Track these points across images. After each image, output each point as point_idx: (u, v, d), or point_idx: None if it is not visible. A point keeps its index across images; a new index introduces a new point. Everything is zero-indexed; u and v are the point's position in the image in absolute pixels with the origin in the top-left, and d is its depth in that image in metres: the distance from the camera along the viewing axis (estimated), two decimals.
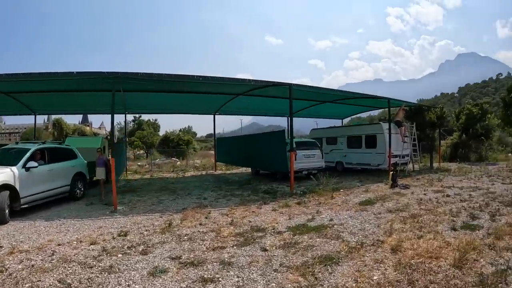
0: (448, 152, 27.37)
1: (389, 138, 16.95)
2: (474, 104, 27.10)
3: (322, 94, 18.61)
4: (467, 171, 17.64)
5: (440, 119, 20.13)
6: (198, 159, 36.85)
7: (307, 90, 16.24)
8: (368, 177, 16.86)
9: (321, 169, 17.40)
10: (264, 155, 17.42)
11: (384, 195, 11.41)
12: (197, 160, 36.24)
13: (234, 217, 8.68)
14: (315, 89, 15.52)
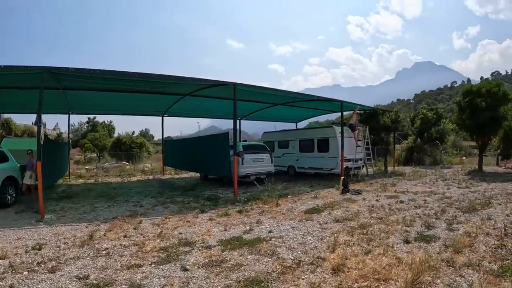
0: (403, 156, 27.36)
1: (341, 141, 16.21)
2: (429, 109, 27.38)
3: (274, 96, 17.68)
4: (422, 175, 17.27)
5: (395, 123, 19.75)
6: (149, 163, 35.17)
7: (256, 91, 15.14)
8: (320, 182, 16.01)
9: (271, 174, 16.49)
10: (209, 159, 16.21)
11: (333, 202, 10.48)
12: (148, 164, 34.58)
13: (165, 227, 7.84)
14: (262, 89, 14.45)
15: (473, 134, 18.69)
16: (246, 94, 16.22)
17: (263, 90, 14.77)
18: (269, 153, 16.84)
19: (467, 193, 11.53)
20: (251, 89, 14.14)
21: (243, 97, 17.51)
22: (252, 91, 15.26)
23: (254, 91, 14.95)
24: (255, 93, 15.96)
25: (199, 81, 12.62)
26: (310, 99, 17.98)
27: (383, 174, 18.77)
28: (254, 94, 16.32)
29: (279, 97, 18.05)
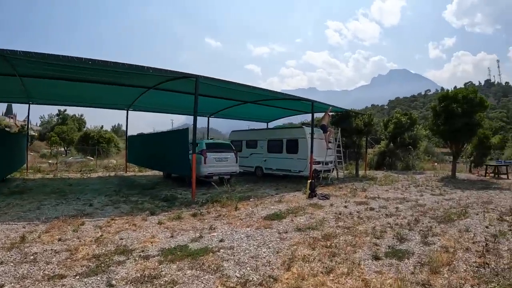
0: (374, 160, 26.94)
1: (311, 143, 15.41)
2: (403, 114, 27.02)
3: (245, 93, 16.75)
4: (394, 180, 16.71)
5: (368, 126, 19.16)
6: (116, 159, 33.76)
7: (221, 86, 14.09)
8: (287, 185, 15.17)
9: (235, 174, 15.71)
10: (168, 156, 15.15)
11: (298, 207, 9.59)
12: (113, 160, 33.15)
13: (108, 231, 7.03)
14: (226, 83, 13.26)
15: (447, 140, 18.31)
16: (215, 90, 15.46)
17: (227, 85, 13.70)
18: (234, 152, 15.87)
19: (442, 201, 10.93)
20: (215, 83, 13.12)
21: (211, 93, 16.70)
22: (221, 87, 14.47)
23: (219, 85, 13.98)
24: (224, 89, 15.13)
25: (159, 71, 11.44)
26: (281, 98, 17.15)
27: (354, 178, 18.13)
28: (223, 90, 15.51)
29: (249, 95, 17.18)
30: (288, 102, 18.57)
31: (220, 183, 14.08)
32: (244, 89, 14.62)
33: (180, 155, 13.45)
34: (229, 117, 25.54)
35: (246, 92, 15.90)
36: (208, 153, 14.61)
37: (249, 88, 14.00)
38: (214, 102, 19.53)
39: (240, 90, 15.51)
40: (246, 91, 15.55)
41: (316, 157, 16.13)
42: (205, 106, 21.00)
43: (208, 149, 14.77)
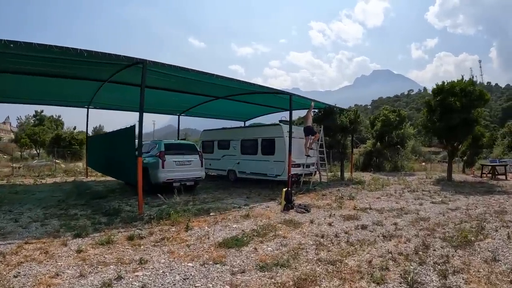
0: (361, 161, 24.94)
1: (289, 142, 13.28)
2: (392, 110, 24.99)
3: (214, 87, 14.55)
4: (384, 184, 14.69)
5: (354, 124, 17.06)
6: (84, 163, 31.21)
7: (174, 74, 11.77)
8: (262, 192, 13.03)
9: (201, 180, 13.56)
10: (116, 160, 12.91)
11: (268, 226, 7.38)
12: (80, 163, 30.51)
13: (8, 262, 5.17)
14: (178, 71, 10.70)
15: (443, 138, 16.34)
16: (182, 83, 13.50)
17: (185, 73, 11.21)
18: (199, 154, 13.63)
19: (447, 212, 8.93)
20: (165, 70, 10.84)
21: (178, 87, 14.77)
22: (189, 79, 12.42)
23: (172, 74, 11.66)
24: (193, 82, 13.03)
25: (102, 57, 8.90)
26: (254, 91, 14.87)
27: (339, 182, 16.03)
28: (191, 83, 13.41)
29: (220, 89, 15.00)
30: (266, 97, 16.40)
31: (185, 191, 12.06)
32: (206, 79, 12.24)
33: (126, 158, 11.22)
34: (202, 115, 23.27)
35: (217, 85, 13.79)
36: (167, 155, 12.40)
37: (211, 77, 11.50)
38: (184, 98, 17.35)
39: (209, 83, 13.29)
40: (219, 84, 13.35)
41: (295, 159, 14.03)
42: (174, 103, 18.89)
43: (167, 150, 12.55)
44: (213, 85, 13.93)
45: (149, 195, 11.21)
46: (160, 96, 16.25)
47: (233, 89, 14.55)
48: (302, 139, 14.86)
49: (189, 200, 10.90)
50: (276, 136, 14.52)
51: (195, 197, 11.76)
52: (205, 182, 15.95)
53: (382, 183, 14.86)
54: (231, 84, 13.09)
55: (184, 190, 12.18)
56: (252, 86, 12.95)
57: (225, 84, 13.10)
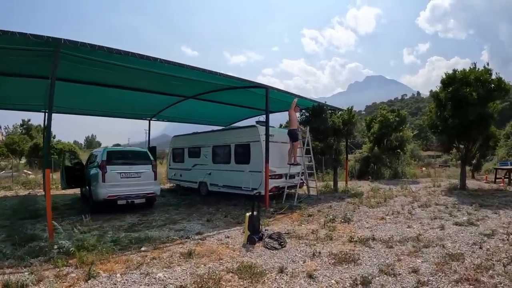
0: (356, 168, 22.06)
1: (266, 147, 10.57)
2: (390, 110, 22.06)
3: (181, 84, 11.91)
4: (386, 196, 11.89)
5: (348, 125, 14.23)
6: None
7: (127, 66, 9.12)
8: (232, 211, 10.23)
9: (155, 197, 10.99)
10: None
11: (210, 277, 4.58)
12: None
13: None
14: (133, 61, 8.10)
15: (454, 138, 13.53)
16: (143, 78, 11.00)
17: (133, 62, 8.54)
18: (153, 165, 10.94)
19: (482, 240, 6.16)
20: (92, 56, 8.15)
21: (142, 85, 12.43)
22: (147, 72, 9.89)
23: (121, 65, 8.98)
24: (154, 76, 10.55)
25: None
26: (226, 87, 12.12)
27: (332, 195, 13.16)
28: (153, 79, 11.03)
29: (188, 86, 12.33)
30: (248, 97, 13.68)
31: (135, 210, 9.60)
32: (151, 67, 9.44)
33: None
34: (177, 120, 20.44)
35: (185, 82, 11.21)
36: (110, 166, 9.90)
37: (155, 62, 8.54)
38: (154, 100, 14.79)
39: (175, 77, 10.64)
40: (184, 79, 10.72)
41: (276, 168, 11.31)
42: (143, 105, 16.14)
43: (109, 160, 10.09)
44: (181, 82, 11.33)
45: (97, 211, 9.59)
46: (124, 97, 13.84)
47: (199, 84, 11.86)
48: (286, 144, 12.10)
49: (134, 222, 8.51)
50: (252, 140, 11.77)
51: (142, 219, 9.03)
52: (173, 197, 13.99)
53: (384, 195, 12.06)
54: (191, 75, 10.37)
55: (134, 208, 10.15)
56: (218, 77, 10.10)
57: (184, 75, 10.38)
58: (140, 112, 18.20)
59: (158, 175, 11.38)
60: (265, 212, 9.65)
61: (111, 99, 14.47)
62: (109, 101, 14.98)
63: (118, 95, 13.58)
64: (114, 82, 11.68)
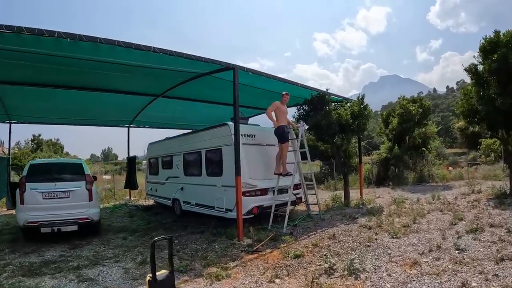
0: (374, 172, 18.40)
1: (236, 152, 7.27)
2: (411, 100, 18.12)
3: (149, 78, 9.14)
4: (415, 212, 8.46)
5: (360, 119, 10.83)
6: None
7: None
8: (192, 243, 7.20)
9: (90, 223, 7.99)
10: None
11: None
12: None
13: None
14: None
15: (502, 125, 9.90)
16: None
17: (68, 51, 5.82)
18: (87, 181, 7.94)
19: None
20: None
21: (105, 84, 10.15)
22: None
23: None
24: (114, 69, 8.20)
25: None
26: (192, 75, 8.96)
27: (340, 211, 9.73)
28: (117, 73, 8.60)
29: (152, 79, 9.40)
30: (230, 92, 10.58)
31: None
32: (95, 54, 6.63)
33: None
34: (158, 125, 17.50)
35: (145, 74, 8.71)
36: (30, 183, 7.60)
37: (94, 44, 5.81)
38: (125, 102, 12.18)
39: (132, 66, 7.76)
40: (142, 67, 7.88)
41: (258, 181, 8.09)
42: (116, 109, 13.45)
43: (31, 176, 7.77)
44: (136, 73, 8.50)
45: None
46: (92, 100, 11.52)
47: (159, 75, 8.85)
48: (273, 148, 8.83)
49: (53, 259, 6.44)
50: (224, 144, 8.55)
51: (67, 253, 6.84)
52: (141, 217, 11.22)
53: (412, 211, 8.66)
54: (140, 61, 7.38)
55: (73, 235, 7.91)
56: (168, 57, 6.98)
57: (133, 61, 7.39)
58: (116, 118, 15.45)
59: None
60: (233, 246, 6.50)
61: (78, 104, 11.90)
62: (76, 106, 12.32)
63: (85, 98, 11.19)
64: (72, 82, 9.36)
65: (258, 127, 9.32)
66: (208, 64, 7.47)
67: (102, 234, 8.67)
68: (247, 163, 7.95)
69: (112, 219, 11.26)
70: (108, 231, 9.10)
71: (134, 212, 12.48)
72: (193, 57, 7.05)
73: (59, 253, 6.83)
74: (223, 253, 6.21)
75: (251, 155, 8.22)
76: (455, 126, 38.99)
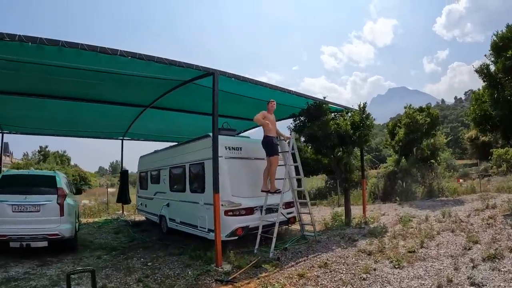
0: (380, 187, 17.27)
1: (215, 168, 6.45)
2: (418, 109, 16.99)
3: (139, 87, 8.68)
4: (424, 235, 7.41)
5: (361, 129, 9.85)
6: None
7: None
8: (165, 267, 6.32)
9: (60, 239, 7.34)
10: None
11: None
12: None
13: None
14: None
15: None
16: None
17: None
18: (59, 195, 7.37)
19: None
20: None
21: (95, 95, 9.60)
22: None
23: None
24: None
25: None
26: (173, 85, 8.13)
27: (339, 232, 8.70)
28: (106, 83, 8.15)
29: (139, 88, 8.68)
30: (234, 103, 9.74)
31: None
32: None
33: None
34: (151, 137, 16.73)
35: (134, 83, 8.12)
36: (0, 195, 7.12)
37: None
38: (116, 113, 11.57)
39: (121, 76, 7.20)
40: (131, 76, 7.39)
41: (243, 199, 7.18)
42: (108, 120, 12.80)
43: (2, 187, 7.29)
44: (124, 83, 8.12)
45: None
46: (82, 110, 10.93)
47: (146, 85, 8.14)
48: (261, 161, 7.91)
49: (15, 276, 5.95)
50: (206, 157, 7.64)
51: (32, 271, 6.35)
52: (127, 234, 10.47)
53: (420, 233, 7.64)
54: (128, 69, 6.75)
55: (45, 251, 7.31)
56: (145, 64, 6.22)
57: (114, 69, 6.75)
58: (108, 130, 14.76)
59: None
60: (208, 274, 5.65)
61: (68, 114, 11.44)
62: (66, 117, 11.84)
63: (74, 109, 10.68)
64: (59, 91, 8.92)
65: (246, 139, 8.45)
66: (185, 69, 6.63)
67: (80, 251, 8.08)
68: (230, 178, 7.08)
69: (97, 234, 10.63)
70: (87, 247, 8.50)
71: (121, 228, 11.82)
72: (166, 61, 6.22)
73: (25, 270, 6.35)
74: (194, 281, 5.32)
75: (236, 170, 7.34)
76: (465, 137, 37.74)
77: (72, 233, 7.68)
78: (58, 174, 8.46)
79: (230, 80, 7.31)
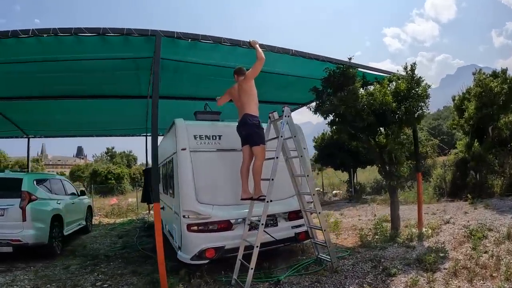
0: (448, 179, 13.76)
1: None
2: (493, 75, 13.16)
3: None
4: (506, 269, 4.53)
5: (409, 101, 6.88)
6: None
7: None
8: (120, 283, 4.51)
9: (24, 245, 6.64)
10: None
11: None
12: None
13: None
14: None
15: None
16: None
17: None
18: (23, 198, 6.81)
19: None
20: None
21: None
22: None
23: None
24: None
25: None
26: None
27: (377, 251, 6.04)
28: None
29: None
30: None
31: None
32: None
33: None
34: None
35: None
36: None
37: None
38: (133, 108, 10.89)
39: None
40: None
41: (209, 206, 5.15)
42: (131, 118, 12.40)
43: None
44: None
45: None
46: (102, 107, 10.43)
47: None
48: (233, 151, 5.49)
49: None
50: (173, 152, 5.62)
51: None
52: (127, 240, 9.42)
53: (500, 265, 4.77)
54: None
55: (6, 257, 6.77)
56: None
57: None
58: (130, 126, 13.84)
59: None
60: None
61: (82, 114, 10.97)
62: (80, 117, 11.44)
63: (86, 107, 10.23)
64: (66, 91, 8.40)
65: (230, 123, 5.77)
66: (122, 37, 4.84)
67: (61, 257, 7.37)
68: (196, 179, 4.83)
69: (100, 238, 9.68)
70: (72, 253, 7.72)
71: (131, 231, 10.67)
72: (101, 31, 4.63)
73: None
74: None
75: (207, 167, 5.09)
76: None
77: (40, 239, 7.02)
78: (27, 176, 7.76)
79: (213, 47, 5.18)
